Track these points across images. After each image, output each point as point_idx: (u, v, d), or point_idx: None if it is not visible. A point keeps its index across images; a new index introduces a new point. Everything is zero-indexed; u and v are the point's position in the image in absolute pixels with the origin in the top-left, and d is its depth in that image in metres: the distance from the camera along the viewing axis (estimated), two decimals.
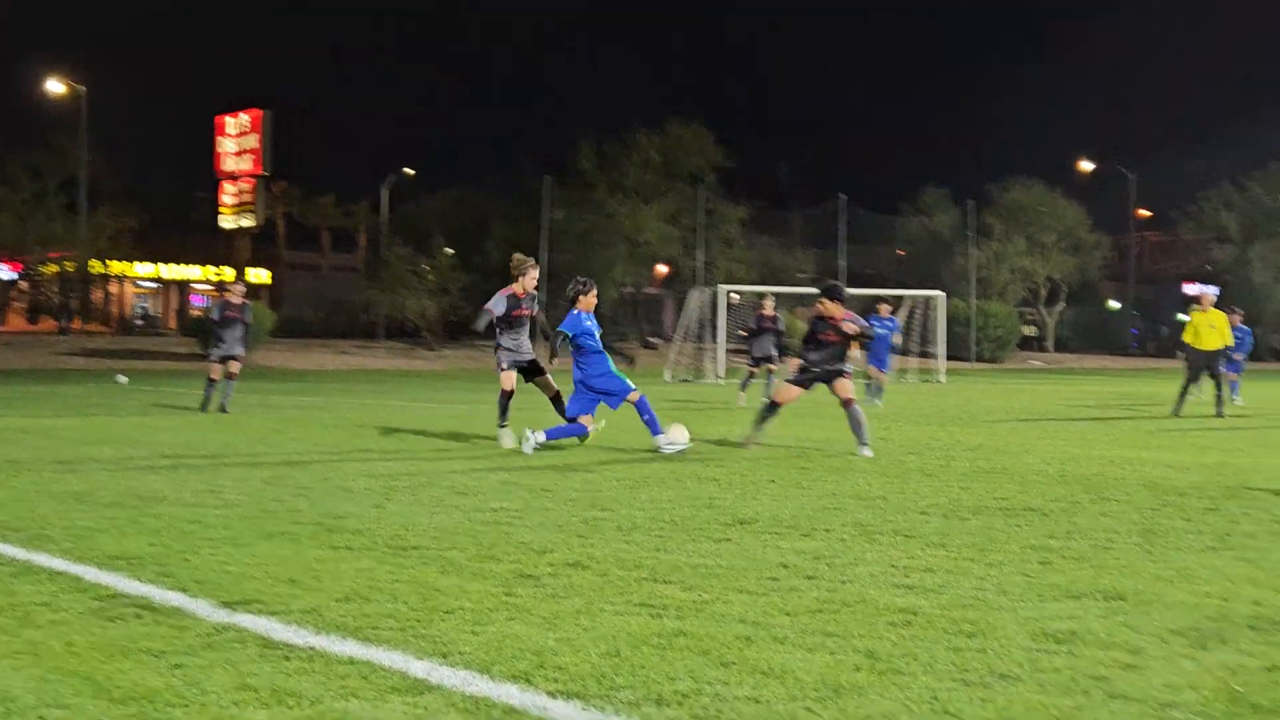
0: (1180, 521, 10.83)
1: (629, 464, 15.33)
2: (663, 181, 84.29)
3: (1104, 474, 14.58)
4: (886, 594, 7.67)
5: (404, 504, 11.58)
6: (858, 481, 13.63)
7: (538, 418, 20.01)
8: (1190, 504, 11.96)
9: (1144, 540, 9.80)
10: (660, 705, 5.33)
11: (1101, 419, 26.22)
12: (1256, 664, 6.07)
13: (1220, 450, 18.19)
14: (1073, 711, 5.28)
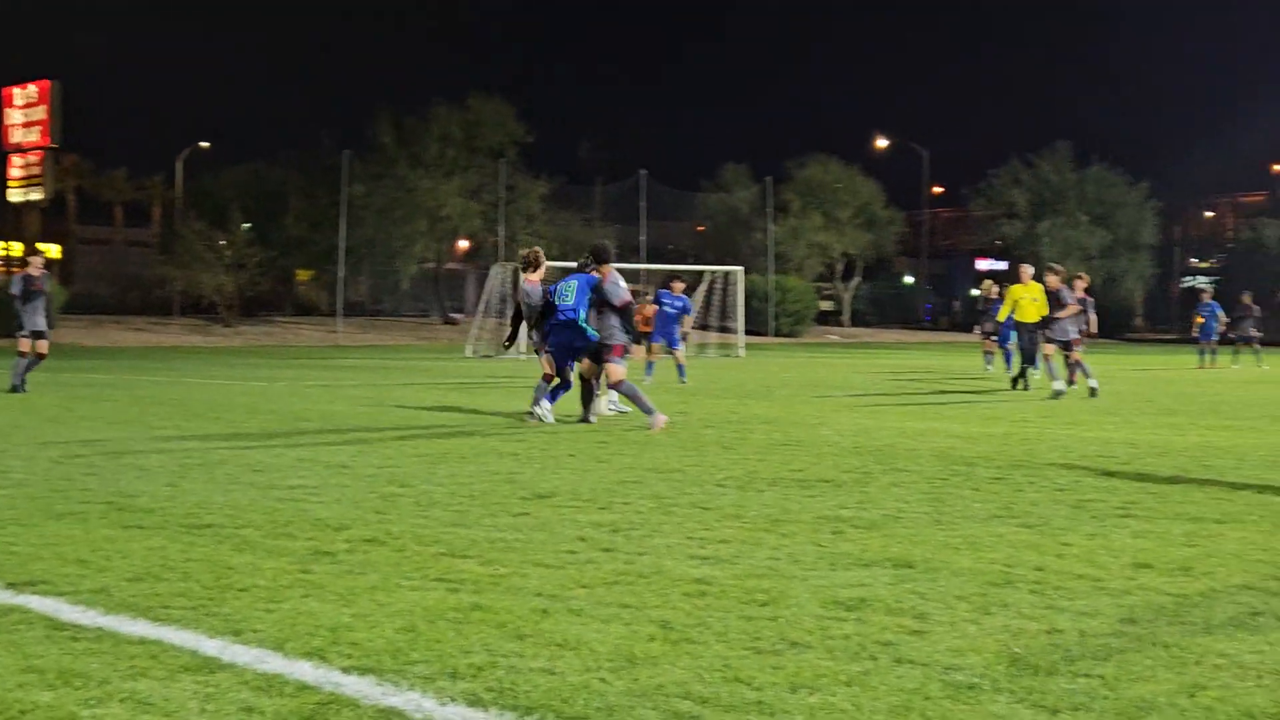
0: (968, 491, 11.10)
1: (429, 439, 15.28)
2: (464, 156, 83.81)
3: (896, 445, 14.88)
4: (682, 565, 7.75)
5: (198, 482, 11.41)
6: (656, 455, 13.75)
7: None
8: (978, 474, 12.26)
9: (933, 509, 10.03)
10: (455, 679, 5.34)
11: (895, 392, 26.74)
12: (1037, 627, 6.26)
13: (1008, 421, 18.66)
14: (860, 676, 5.40)
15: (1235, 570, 7.67)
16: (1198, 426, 17.80)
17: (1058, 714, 4.93)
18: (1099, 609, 6.64)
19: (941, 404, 22.74)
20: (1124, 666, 5.56)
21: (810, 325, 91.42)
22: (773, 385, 28.81)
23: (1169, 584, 7.27)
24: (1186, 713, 4.95)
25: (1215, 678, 5.41)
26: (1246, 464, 13.09)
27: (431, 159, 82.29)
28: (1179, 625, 6.29)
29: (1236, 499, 10.68)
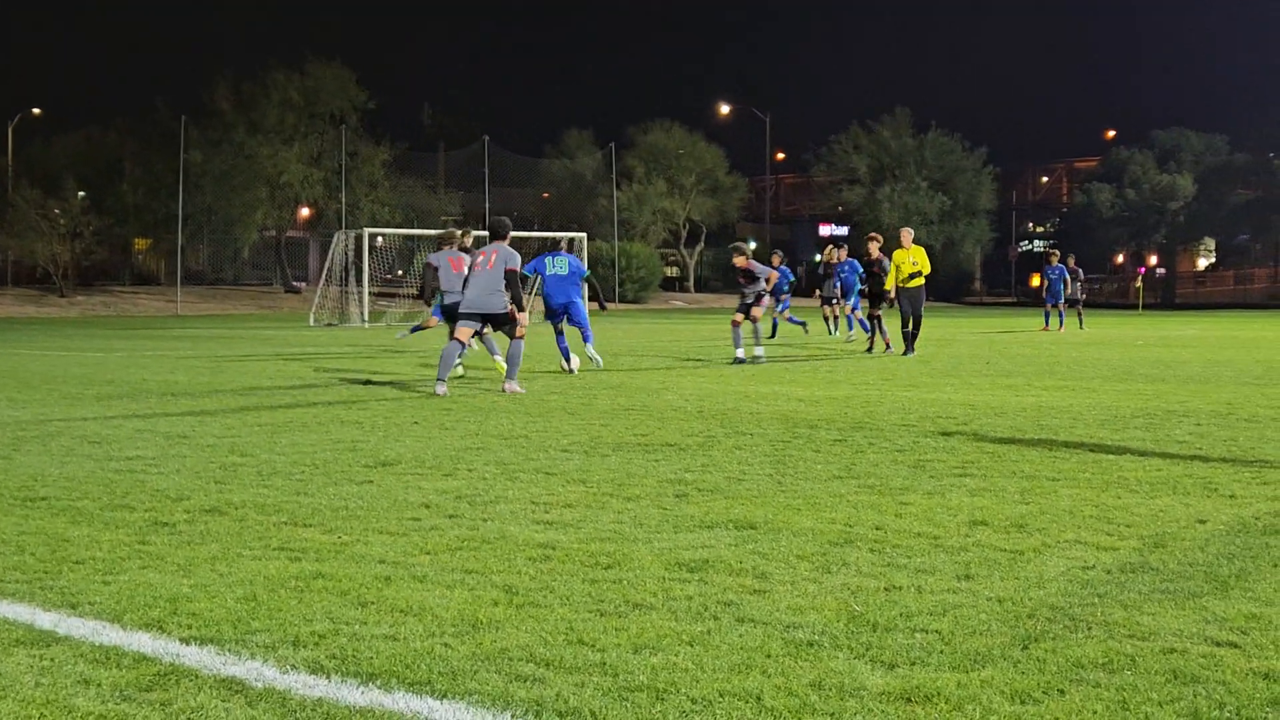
0: (810, 452, 11.23)
1: (271, 409, 15.12)
2: (304, 122, 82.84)
3: (739, 409, 15.00)
4: (526, 530, 7.77)
5: (33, 454, 11.20)
6: (501, 421, 13.73)
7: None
8: (820, 436, 12.41)
9: (775, 471, 10.14)
10: (297, 647, 5.31)
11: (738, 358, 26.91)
12: (876, 585, 6.36)
13: (850, 384, 18.88)
14: (703, 636, 5.46)
15: (1068, 526, 7.85)
16: (1034, 388, 18.14)
17: (895, 668, 5.02)
18: (936, 566, 6.76)
19: (784, 368, 22.95)
20: (960, 621, 5.67)
21: (656, 291, 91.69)
22: (618, 351, 28.85)
23: (1004, 540, 7.42)
24: (1019, 664, 5.06)
25: (1047, 630, 5.54)
26: (1080, 423, 13.37)
27: (271, 125, 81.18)
28: (1013, 580, 6.43)
29: (1070, 457, 10.91)
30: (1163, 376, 20.34)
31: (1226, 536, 7.54)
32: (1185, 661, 5.09)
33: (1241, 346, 31.03)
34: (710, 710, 4.55)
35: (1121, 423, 13.40)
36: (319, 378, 20.39)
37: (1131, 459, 10.77)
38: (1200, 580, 6.42)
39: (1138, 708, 4.57)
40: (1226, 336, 37.26)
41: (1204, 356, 26.39)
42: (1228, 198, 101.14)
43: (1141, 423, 13.46)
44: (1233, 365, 23.39)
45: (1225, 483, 9.50)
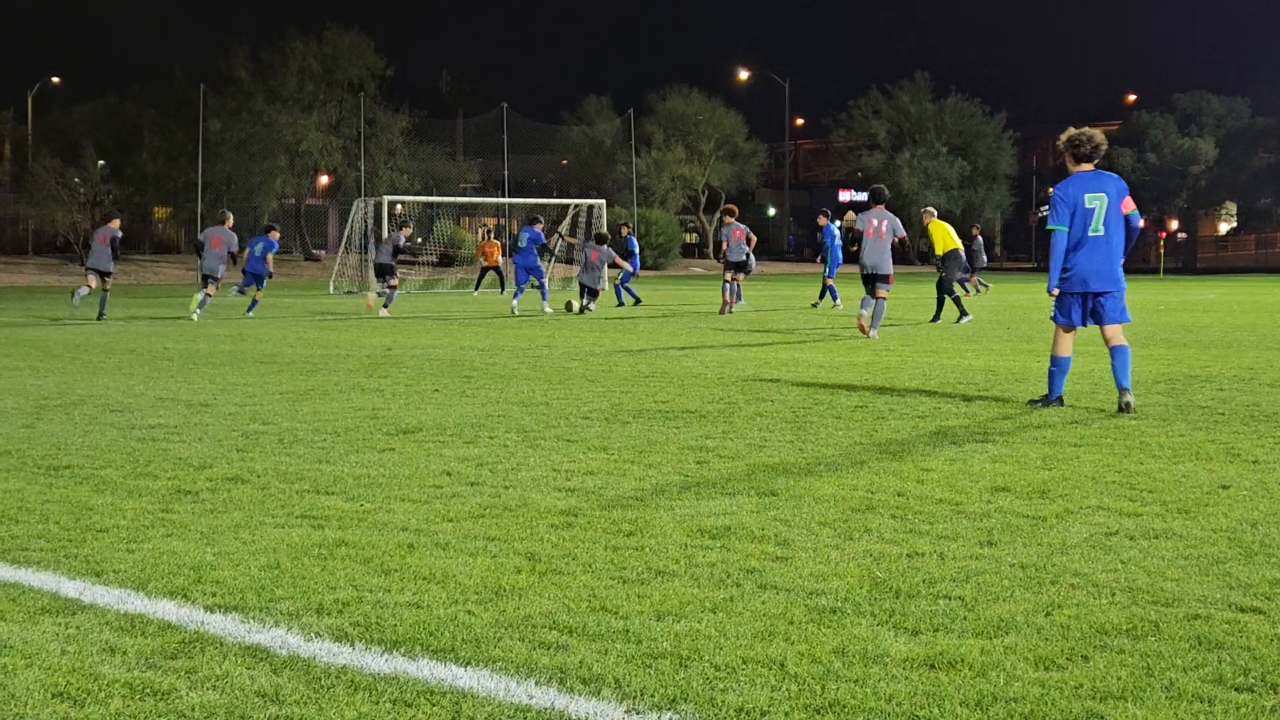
0: (831, 419, 11.22)
1: (292, 377, 15.14)
2: (322, 90, 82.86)
3: (759, 375, 15.00)
4: (548, 497, 7.77)
5: (56, 423, 11.22)
6: (521, 389, 13.74)
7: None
8: (840, 402, 12.39)
9: (796, 438, 10.13)
10: (321, 614, 5.32)
11: (758, 324, 26.90)
12: (898, 551, 6.36)
13: (870, 350, 18.87)
14: (725, 603, 5.46)
15: (1090, 492, 7.84)
16: None
17: (918, 634, 5.02)
18: (958, 532, 6.75)
19: (805, 334, 22.93)
20: (983, 587, 5.66)
21: (675, 258, 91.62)
22: (638, 317, 28.88)
23: (1026, 506, 7.41)
24: (1043, 630, 5.05)
25: (1071, 596, 5.53)
26: (1102, 389, 13.34)
27: (289, 93, 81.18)
28: (1036, 546, 6.42)
29: (1091, 423, 10.90)
30: (1184, 341, 20.30)
31: (1250, 502, 7.52)
32: (1209, 627, 5.08)
33: (1263, 311, 30.95)
34: (734, 677, 4.55)
35: (1143, 388, 13.36)
36: (340, 345, 20.41)
37: (1153, 424, 10.75)
38: (1224, 546, 6.40)
39: (1162, 673, 4.56)
40: (1248, 301, 37.15)
41: (1225, 321, 26.33)
42: (1249, 162, 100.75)
43: (1163, 388, 13.44)
44: (1254, 330, 23.33)
45: (1248, 448, 9.48)
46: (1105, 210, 11.74)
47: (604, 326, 25.58)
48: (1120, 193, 11.85)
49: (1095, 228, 11.75)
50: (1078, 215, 11.80)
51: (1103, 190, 11.80)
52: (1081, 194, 11.80)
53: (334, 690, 4.47)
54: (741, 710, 4.25)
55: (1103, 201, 11.75)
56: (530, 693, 4.43)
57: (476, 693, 4.43)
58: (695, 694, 4.39)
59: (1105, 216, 11.75)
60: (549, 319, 28.34)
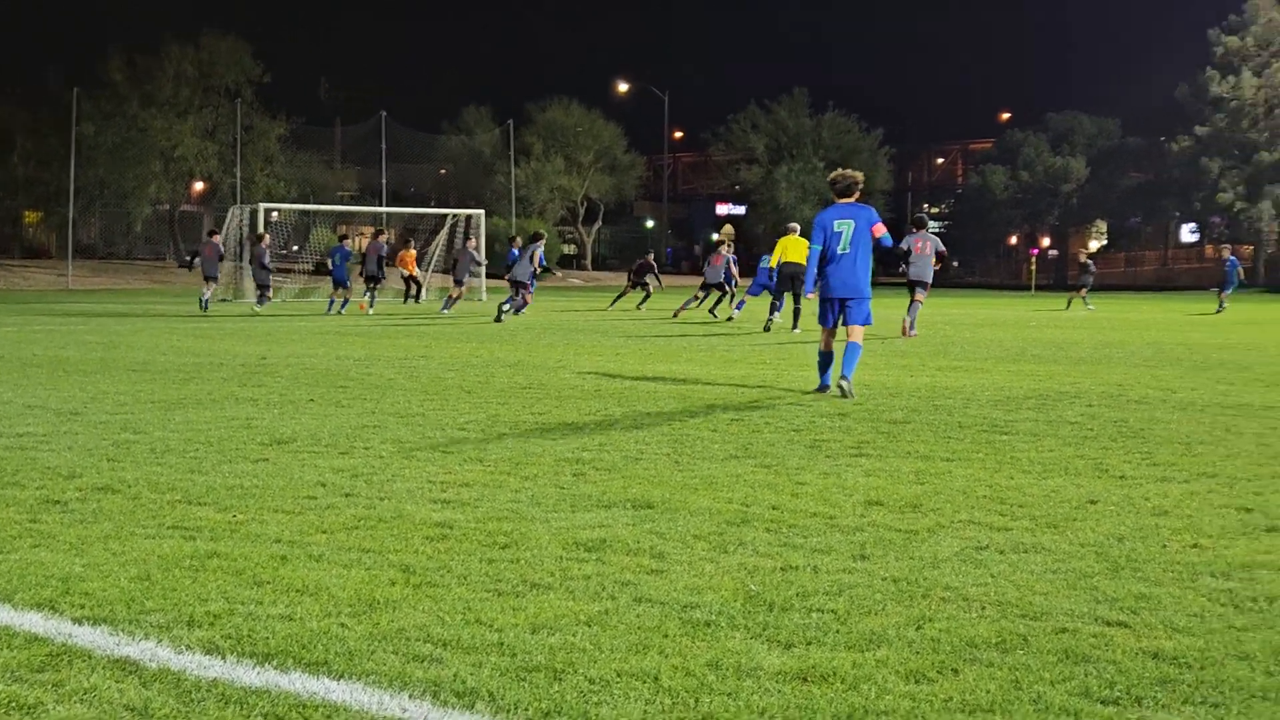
0: (707, 432, 11.27)
1: (164, 386, 14.95)
2: (199, 95, 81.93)
3: (636, 388, 15.03)
4: (423, 509, 7.74)
5: None
6: (397, 399, 13.67)
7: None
8: (717, 415, 12.46)
9: (673, 450, 10.17)
10: (191, 627, 5.27)
11: (636, 335, 26.96)
12: (772, 565, 6.40)
13: (746, 364, 18.97)
14: (600, 616, 5.47)
15: (961, 506, 7.94)
16: (928, 368, 18.30)
17: (791, 648, 5.06)
18: (832, 546, 6.81)
19: (682, 347, 23.00)
20: (855, 601, 5.72)
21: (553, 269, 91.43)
22: (515, 329, 28.83)
23: (899, 520, 7.49)
24: (914, 644, 5.11)
25: (941, 610, 5.60)
26: (973, 404, 13.52)
27: (165, 98, 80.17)
28: (908, 560, 6.49)
29: (964, 437, 11.03)
30: (1054, 358, 20.61)
31: (1117, 517, 7.65)
32: (1076, 641, 5.17)
33: (1132, 328, 31.51)
34: (608, 690, 4.56)
35: (1014, 403, 13.56)
36: (213, 354, 20.18)
37: (1024, 440, 10.91)
38: (1091, 560, 6.51)
39: (1030, 686, 4.63)
40: (1117, 318, 37.81)
41: (1095, 338, 26.77)
42: (1119, 180, 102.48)
43: (1034, 403, 13.63)
44: (1123, 346, 23.74)
45: (1116, 463, 9.64)
46: (851, 234, 14.16)
47: (481, 338, 25.51)
48: (869, 221, 14.28)
49: (843, 248, 14.22)
50: (830, 238, 14.27)
51: (851, 218, 14.25)
52: (832, 220, 14.33)
53: (204, 704, 4.43)
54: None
55: (849, 226, 14.19)
56: (404, 706, 4.42)
57: (349, 706, 4.41)
58: (569, 707, 4.40)
59: (852, 239, 14.17)
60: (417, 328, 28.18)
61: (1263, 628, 5.35)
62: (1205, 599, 5.79)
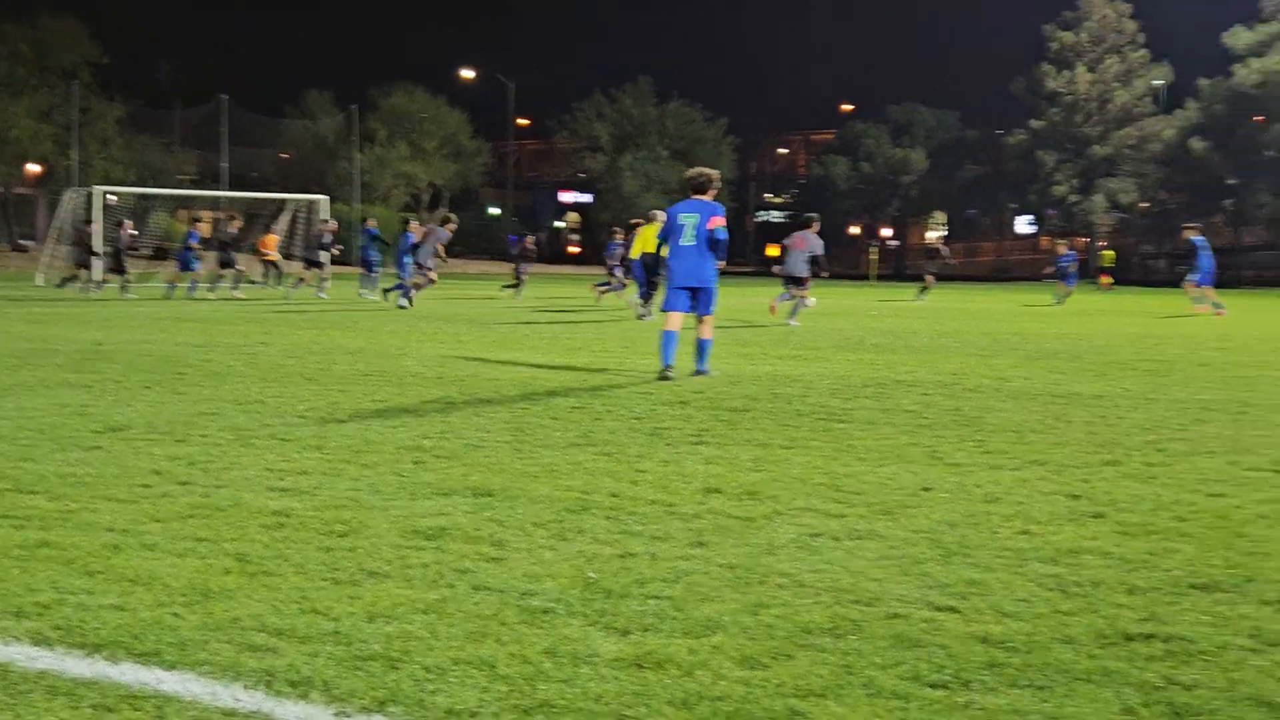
0: (548, 420, 11.28)
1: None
2: (34, 76, 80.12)
3: (478, 375, 15.00)
4: (260, 497, 7.66)
5: None
6: (236, 386, 13.51)
7: None
8: (558, 403, 12.47)
9: (514, 438, 10.16)
10: (20, 618, 5.17)
11: (479, 322, 26.88)
12: (611, 552, 6.43)
13: (589, 351, 19.01)
14: (437, 604, 5.46)
15: (798, 493, 8.03)
16: (769, 357, 18.47)
17: (628, 635, 5.09)
18: (670, 533, 6.86)
19: (526, 334, 22.98)
20: (692, 588, 5.77)
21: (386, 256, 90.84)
22: (357, 316, 28.61)
23: (737, 508, 7.56)
24: (749, 630, 5.17)
25: (777, 596, 5.66)
26: (813, 392, 13.67)
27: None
28: (745, 547, 6.56)
29: (802, 425, 11.15)
30: (892, 346, 20.90)
31: (950, 504, 7.79)
32: (908, 626, 5.26)
33: (969, 318, 32.06)
34: (444, 678, 4.56)
35: (852, 392, 13.74)
36: (47, 339, 19.79)
37: (861, 428, 11.05)
38: (924, 546, 6.62)
39: (861, 671, 4.70)
40: (954, 308, 38.42)
41: (932, 327, 27.19)
42: (958, 173, 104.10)
43: (871, 392, 13.81)
44: (959, 336, 24.15)
45: (949, 451, 9.81)
46: (695, 227, 15.16)
47: (323, 324, 25.29)
48: (709, 214, 15.19)
49: (687, 239, 15.21)
50: (676, 230, 15.30)
51: (696, 212, 15.25)
52: (679, 214, 15.41)
53: (31, 696, 4.36)
54: (451, 711, 4.27)
55: (693, 220, 15.21)
56: (237, 696, 4.38)
57: (181, 696, 4.36)
58: (405, 695, 4.39)
59: (696, 232, 15.15)
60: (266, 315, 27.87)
61: (1087, 612, 5.49)
62: (1033, 584, 5.92)
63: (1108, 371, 16.71)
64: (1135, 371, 16.73)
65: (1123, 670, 4.75)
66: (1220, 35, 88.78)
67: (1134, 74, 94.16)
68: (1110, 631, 5.21)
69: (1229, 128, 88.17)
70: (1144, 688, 4.58)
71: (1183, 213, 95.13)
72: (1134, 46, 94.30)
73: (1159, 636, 5.14)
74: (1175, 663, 4.84)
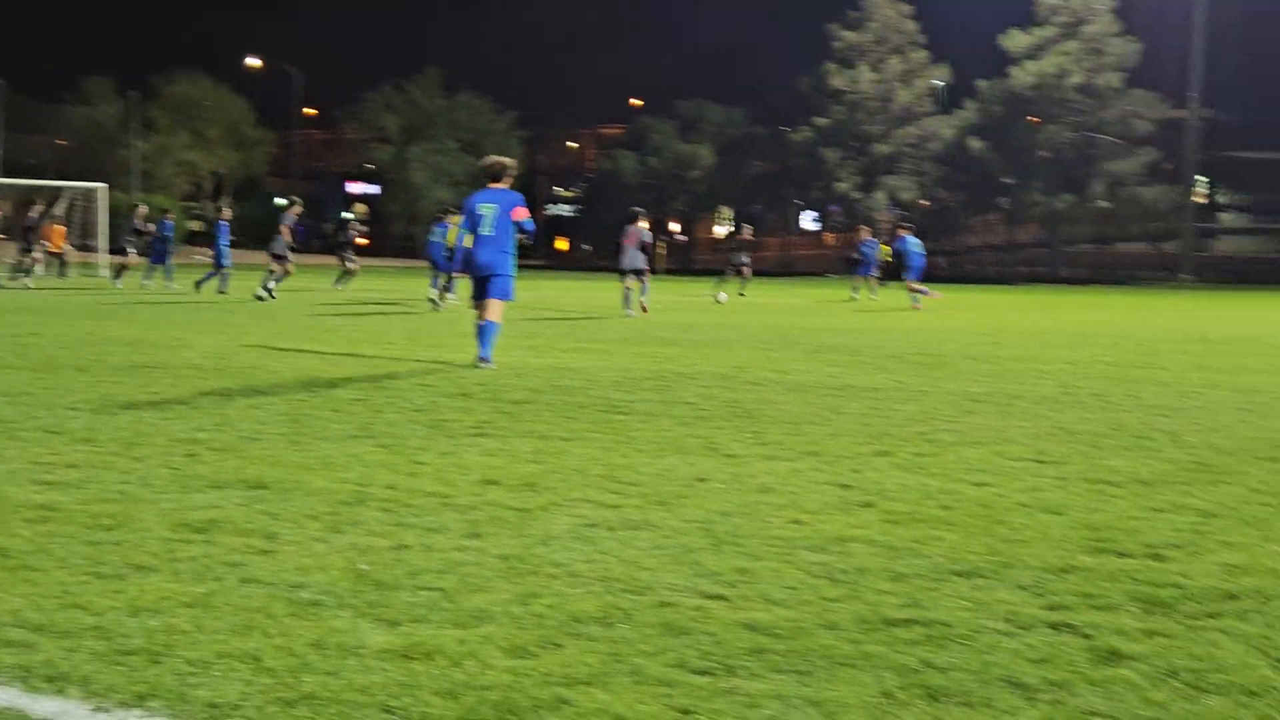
0: (328, 412, 11.18)
1: None
2: None
3: (258, 367, 14.80)
4: (25, 491, 7.48)
5: None
6: (4, 378, 13.16)
7: None
8: (339, 395, 12.36)
9: (291, 430, 10.05)
10: None
11: (263, 315, 26.50)
12: (385, 544, 6.40)
13: (373, 344, 18.86)
14: (204, 598, 5.38)
15: (576, 485, 8.07)
16: (554, 349, 18.51)
17: (398, 626, 5.07)
18: (446, 524, 6.85)
19: (308, 326, 22.71)
20: (464, 579, 5.77)
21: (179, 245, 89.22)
22: (136, 307, 28.03)
23: (514, 499, 7.57)
24: (519, 619, 5.19)
25: (549, 586, 5.69)
26: (595, 384, 13.73)
27: None
28: (520, 538, 6.57)
29: (583, 417, 11.20)
30: (676, 340, 21.08)
31: (724, 494, 7.89)
32: (677, 614, 5.32)
33: (754, 312, 32.46)
34: (207, 672, 4.50)
35: (634, 384, 13.83)
36: None
37: (641, 420, 11.13)
38: (697, 536, 6.70)
39: (629, 659, 4.75)
40: (740, 302, 38.84)
41: (717, 321, 27.48)
42: (745, 169, 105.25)
43: (653, 384, 13.92)
44: (743, 329, 24.44)
45: (726, 442, 9.93)
46: (494, 216, 15.38)
47: (99, 314, 24.73)
48: (511, 204, 15.51)
49: (486, 229, 15.40)
50: (475, 220, 15.49)
51: (495, 202, 15.50)
52: (478, 204, 15.61)
53: None
54: (212, 705, 4.22)
55: (492, 210, 15.43)
56: None
57: None
58: (166, 690, 4.33)
59: (495, 222, 15.38)
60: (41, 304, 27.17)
61: (851, 599, 5.60)
62: (801, 572, 6.03)
63: (884, 365, 17.06)
64: (910, 365, 17.11)
65: (883, 654, 4.87)
66: (997, 38, 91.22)
67: (915, 74, 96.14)
68: (873, 617, 5.33)
69: (1005, 128, 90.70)
70: (902, 671, 4.70)
71: (962, 211, 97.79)
72: (915, 47, 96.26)
73: (919, 621, 5.28)
74: (933, 646, 4.97)
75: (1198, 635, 5.19)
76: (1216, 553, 6.56)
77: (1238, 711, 4.40)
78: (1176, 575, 6.08)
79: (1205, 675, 4.72)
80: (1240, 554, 6.54)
